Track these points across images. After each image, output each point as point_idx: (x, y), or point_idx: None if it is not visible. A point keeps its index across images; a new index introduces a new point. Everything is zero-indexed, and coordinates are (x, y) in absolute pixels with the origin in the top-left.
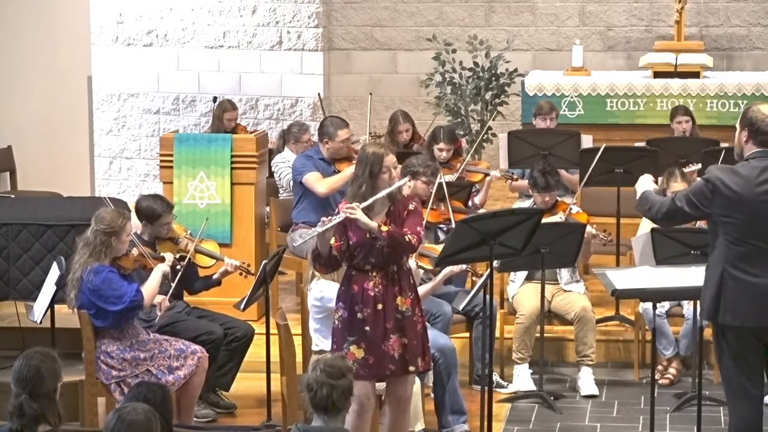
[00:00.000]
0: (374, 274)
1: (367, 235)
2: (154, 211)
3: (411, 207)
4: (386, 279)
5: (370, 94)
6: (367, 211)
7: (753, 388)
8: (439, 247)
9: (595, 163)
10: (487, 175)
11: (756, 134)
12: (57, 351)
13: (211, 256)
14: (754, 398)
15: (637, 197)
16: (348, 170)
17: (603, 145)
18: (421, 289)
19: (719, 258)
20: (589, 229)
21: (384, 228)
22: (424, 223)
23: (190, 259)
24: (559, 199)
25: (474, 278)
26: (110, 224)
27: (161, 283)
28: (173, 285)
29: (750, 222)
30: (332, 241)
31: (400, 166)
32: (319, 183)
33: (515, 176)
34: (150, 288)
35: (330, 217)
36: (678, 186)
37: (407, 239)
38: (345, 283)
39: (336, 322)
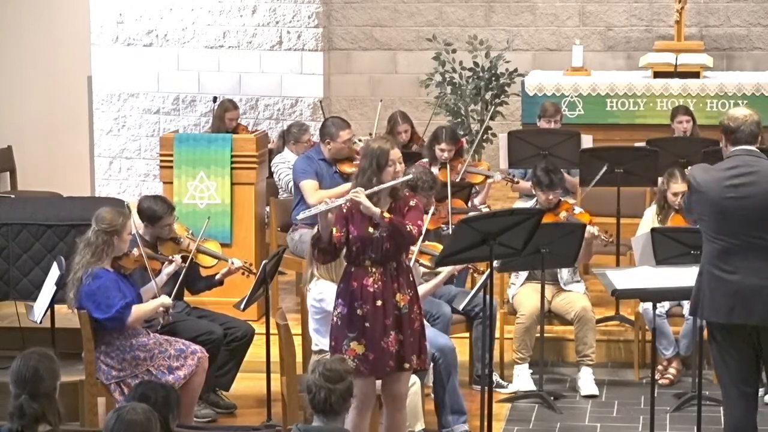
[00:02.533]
0: (373, 270)
1: (369, 229)
2: (155, 213)
3: (412, 203)
4: (385, 275)
5: (381, 101)
6: (372, 202)
7: (745, 385)
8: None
9: (599, 177)
10: (488, 177)
11: (727, 134)
12: (54, 350)
13: (214, 256)
14: (747, 395)
15: None
16: (341, 187)
17: (604, 167)
18: (422, 289)
19: (703, 255)
20: (591, 229)
21: (386, 215)
22: (425, 218)
23: (192, 259)
24: (561, 199)
25: (475, 275)
26: (111, 223)
27: (164, 283)
28: (176, 287)
29: (718, 219)
30: (333, 231)
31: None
32: (312, 194)
33: (516, 179)
34: (141, 310)
35: (333, 198)
36: (678, 186)
37: (408, 229)
38: (344, 280)
39: (335, 318)
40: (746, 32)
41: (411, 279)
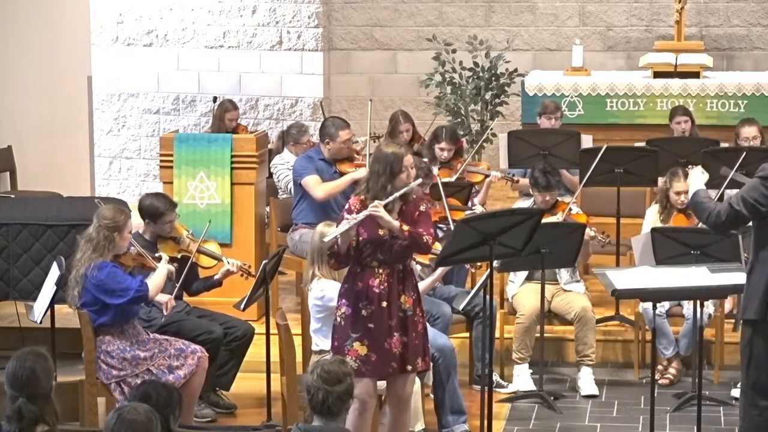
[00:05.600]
0: (380, 271)
1: (380, 232)
2: (157, 209)
3: (422, 208)
4: (392, 277)
5: (371, 100)
6: (387, 210)
7: None
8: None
9: (595, 163)
10: (487, 176)
11: None
12: (54, 350)
13: (213, 257)
14: None
15: (690, 195)
16: (347, 176)
17: (605, 146)
18: (420, 285)
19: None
20: (587, 230)
21: (405, 227)
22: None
23: (192, 259)
24: (559, 199)
25: (471, 270)
26: (113, 219)
27: (165, 284)
28: (177, 285)
29: None
30: None
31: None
32: (317, 187)
33: (516, 178)
34: (155, 282)
35: (354, 215)
36: (681, 186)
37: (425, 240)
38: (349, 280)
39: (338, 319)
40: (746, 32)
41: (414, 281)
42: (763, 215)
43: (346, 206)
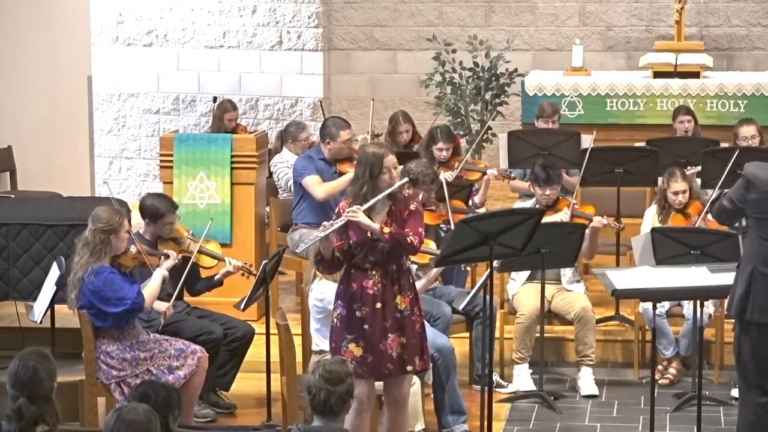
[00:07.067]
0: (374, 272)
1: (368, 234)
2: (158, 210)
3: (412, 207)
4: (385, 278)
5: (372, 99)
6: (369, 211)
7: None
8: (433, 244)
9: (587, 161)
10: (483, 174)
11: None
12: (51, 349)
13: (214, 257)
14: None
15: None
16: (347, 176)
17: (593, 133)
18: (416, 285)
19: (751, 256)
20: (599, 219)
21: (386, 230)
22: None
23: (192, 260)
24: (560, 197)
25: (467, 269)
26: (108, 222)
27: (162, 288)
28: (177, 288)
29: None
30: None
31: (399, 166)
32: (318, 187)
33: (513, 175)
34: (151, 290)
35: (331, 222)
36: (678, 185)
37: (409, 240)
38: (344, 282)
39: (335, 320)
40: (746, 32)
41: (411, 281)
42: (740, 210)
43: (336, 211)
